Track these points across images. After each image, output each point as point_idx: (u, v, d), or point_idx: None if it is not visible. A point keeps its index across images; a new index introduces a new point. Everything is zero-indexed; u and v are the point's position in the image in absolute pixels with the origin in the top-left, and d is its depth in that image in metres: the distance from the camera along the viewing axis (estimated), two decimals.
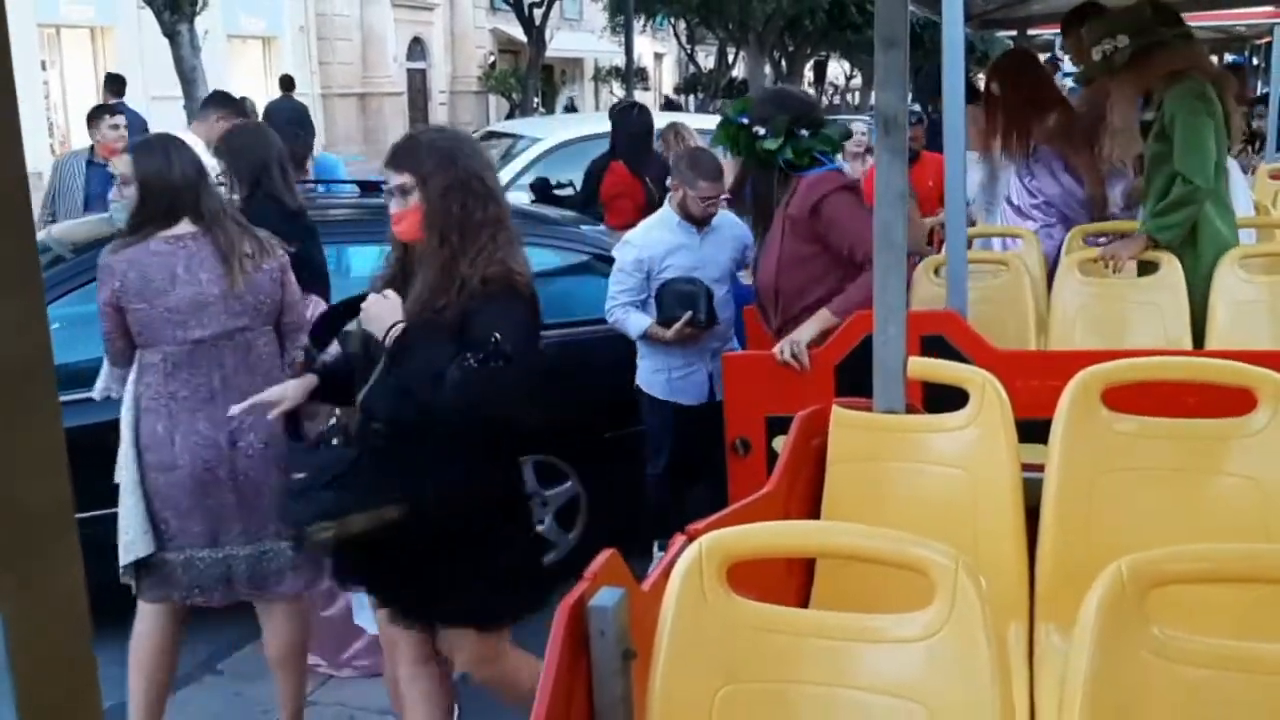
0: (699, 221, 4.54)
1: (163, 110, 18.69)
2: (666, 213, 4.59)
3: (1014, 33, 7.42)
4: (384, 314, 2.72)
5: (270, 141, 4.17)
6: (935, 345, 3.30)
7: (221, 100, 5.99)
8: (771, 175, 3.81)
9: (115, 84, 10.28)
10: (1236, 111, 4.38)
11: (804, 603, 2.49)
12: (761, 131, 3.70)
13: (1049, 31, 8.40)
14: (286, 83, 18.69)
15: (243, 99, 7.69)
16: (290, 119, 15.64)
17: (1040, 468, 2.54)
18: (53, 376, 0.66)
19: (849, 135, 4.69)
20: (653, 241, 4.59)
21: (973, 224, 5.21)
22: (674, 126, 6.89)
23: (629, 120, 6.66)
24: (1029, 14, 6.32)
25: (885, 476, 2.57)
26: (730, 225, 4.68)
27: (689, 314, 4.35)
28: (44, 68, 18.90)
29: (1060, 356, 3.28)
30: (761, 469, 3.35)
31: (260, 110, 8.38)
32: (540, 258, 5.16)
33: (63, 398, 3.48)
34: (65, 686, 0.70)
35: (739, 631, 1.71)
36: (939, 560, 1.65)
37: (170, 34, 11.49)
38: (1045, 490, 2.48)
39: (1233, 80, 4.28)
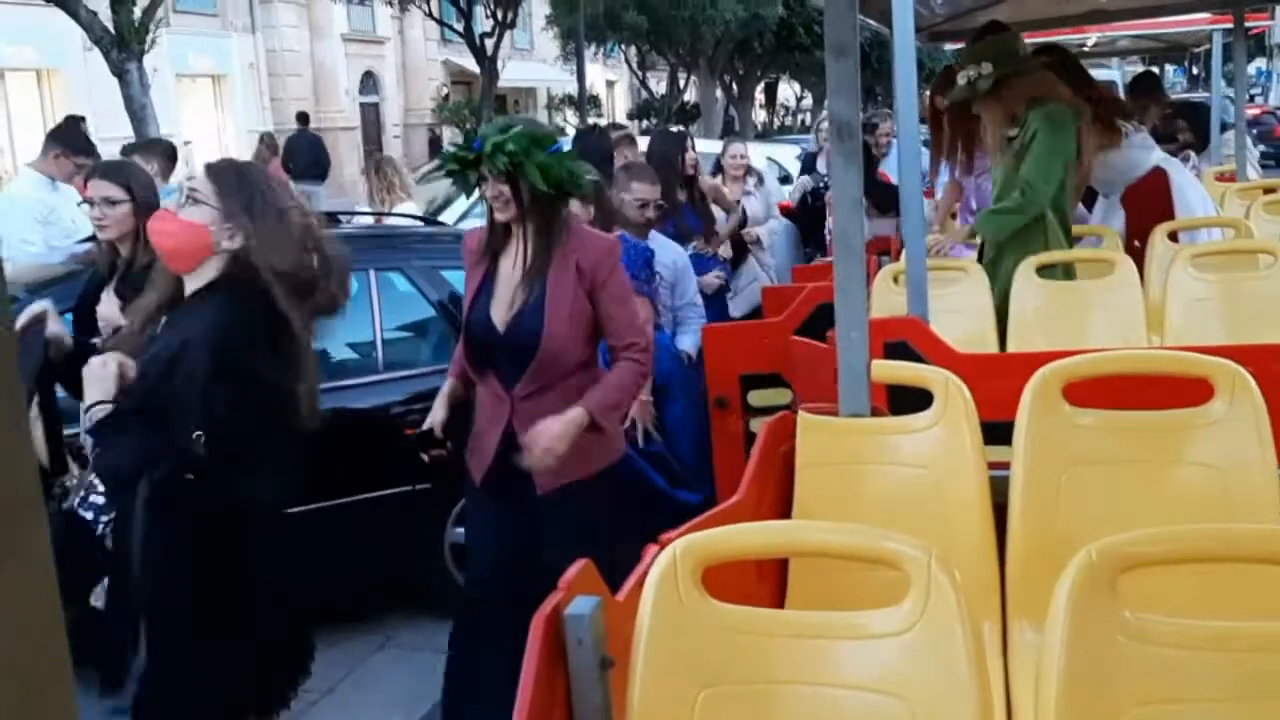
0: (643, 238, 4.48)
1: (112, 150, 18.51)
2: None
3: (962, 45, 7.54)
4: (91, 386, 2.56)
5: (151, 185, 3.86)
6: (899, 351, 3.33)
7: (62, 138, 5.90)
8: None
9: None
10: (1090, 136, 4.62)
11: (779, 607, 2.50)
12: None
13: None
14: (303, 118, 19.00)
15: (159, 140, 7.65)
16: (311, 151, 15.85)
17: (1006, 466, 2.56)
18: (19, 388, 0.66)
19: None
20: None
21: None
22: (627, 135, 6.99)
23: (589, 143, 6.71)
24: (976, 26, 6.41)
25: (854, 479, 2.59)
26: (668, 249, 4.63)
27: None
28: None
29: (1021, 358, 3.31)
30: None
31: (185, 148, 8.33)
32: None
33: None
34: (35, 680, 0.69)
35: (716, 634, 1.71)
36: (911, 553, 1.66)
37: (119, 73, 11.41)
38: (1011, 486, 2.50)
39: (1087, 109, 4.52)
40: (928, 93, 6.77)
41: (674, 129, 7.62)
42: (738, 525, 1.81)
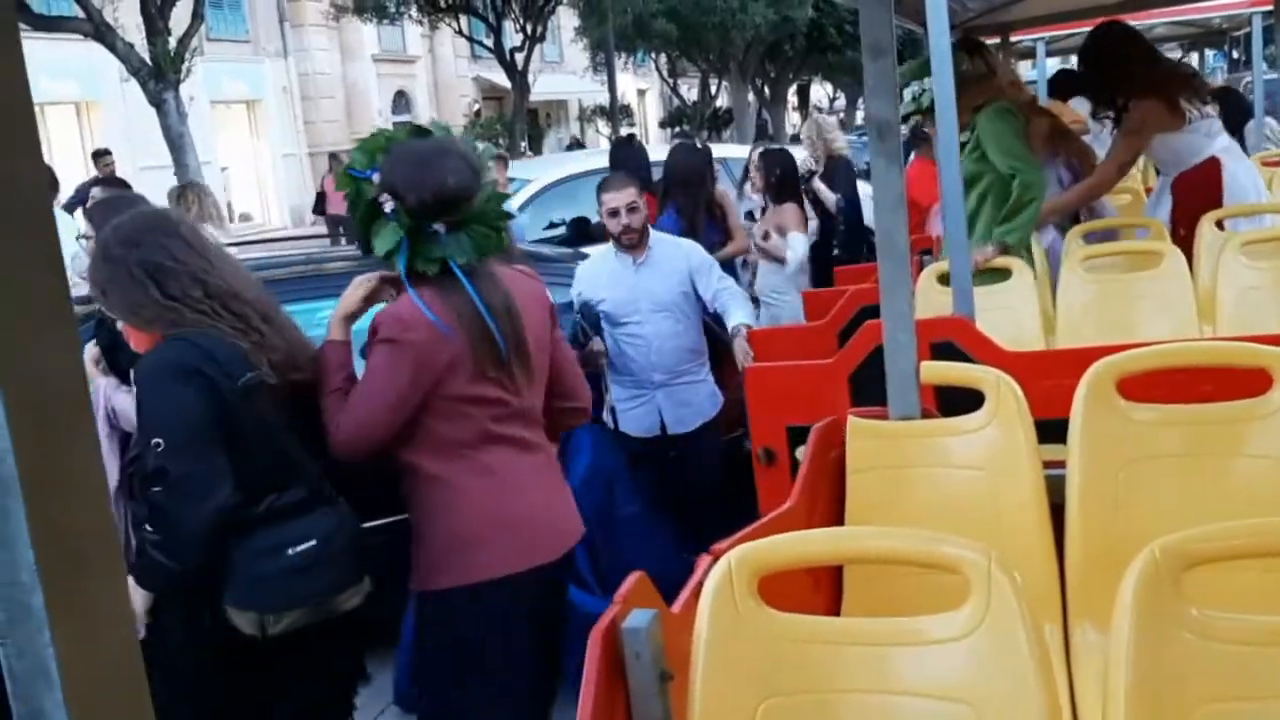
0: (629, 247, 4.38)
1: (152, 179, 18.83)
2: (610, 244, 4.52)
3: (996, 40, 7.47)
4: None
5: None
6: (945, 351, 3.30)
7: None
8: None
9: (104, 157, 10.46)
10: (1155, 116, 4.65)
11: (835, 614, 2.47)
12: (388, 208, 2.49)
13: (1030, 36, 8.46)
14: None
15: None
16: None
17: (1061, 465, 2.52)
18: (89, 404, 0.68)
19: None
20: (589, 275, 4.53)
21: None
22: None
23: (625, 154, 6.74)
24: (1010, 20, 6.36)
25: (906, 483, 2.56)
26: (674, 253, 4.48)
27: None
28: None
29: (1071, 354, 3.27)
30: (787, 478, 3.45)
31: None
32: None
33: None
34: (117, 704, 0.70)
35: (775, 644, 1.69)
36: (970, 556, 1.63)
37: (156, 103, 11.58)
38: (1068, 485, 2.46)
39: (1034, 100, 4.63)
40: None
41: (697, 144, 7.53)
42: (793, 534, 1.79)
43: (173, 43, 11.57)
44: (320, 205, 16.00)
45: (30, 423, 0.65)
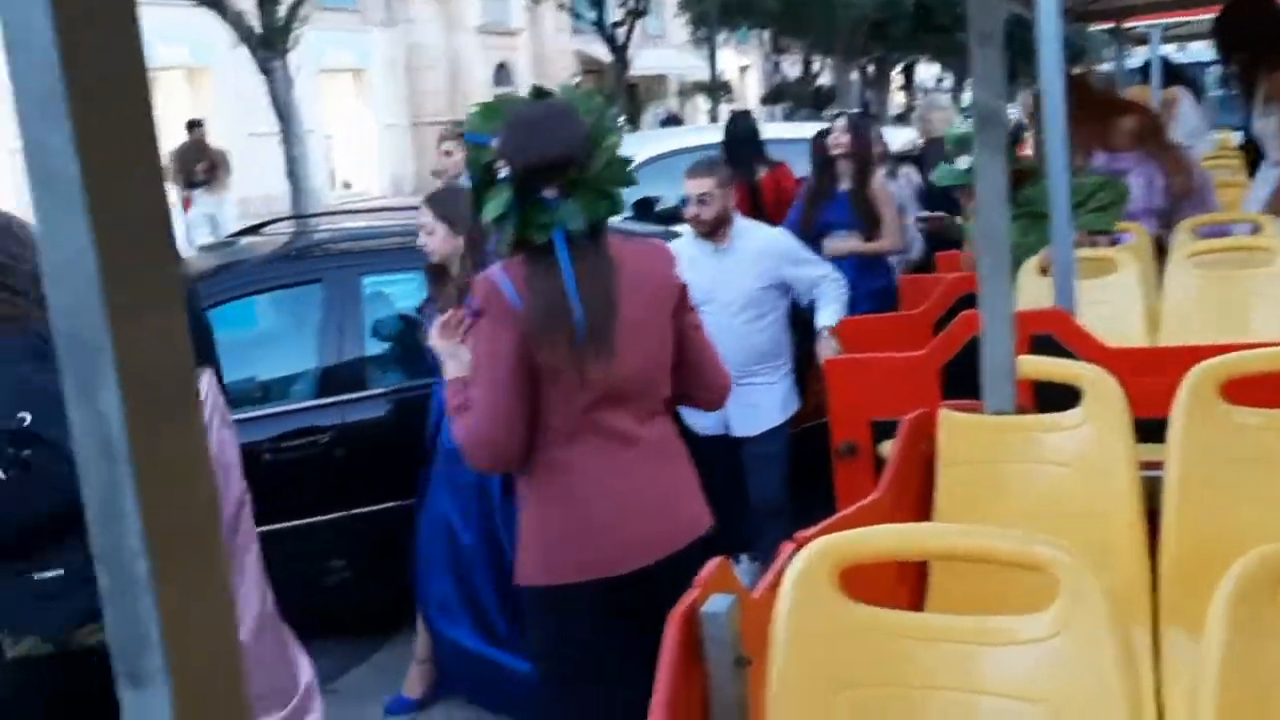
0: (709, 233, 4.17)
1: (261, 146, 19.29)
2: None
3: (1111, 25, 7.26)
4: None
5: None
6: (1044, 345, 3.23)
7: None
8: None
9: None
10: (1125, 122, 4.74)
11: (917, 608, 2.44)
12: (501, 173, 2.39)
13: (1145, 23, 8.19)
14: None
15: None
16: None
17: (1159, 466, 2.46)
18: (194, 377, 0.70)
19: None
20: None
21: None
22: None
23: (740, 128, 6.70)
24: (1128, 5, 6.17)
25: (997, 479, 2.52)
26: (760, 242, 4.23)
27: None
28: None
29: (1174, 352, 3.18)
30: (868, 474, 3.41)
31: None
32: None
33: None
34: (216, 672, 0.73)
35: (855, 636, 1.68)
36: (1060, 557, 1.60)
37: (265, 70, 11.82)
38: (1165, 488, 2.40)
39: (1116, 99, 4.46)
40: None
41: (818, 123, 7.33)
42: (879, 527, 1.78)
43: (283, 11, 11.80)
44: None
45: (141, 393, 0.67)
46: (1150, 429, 2.51)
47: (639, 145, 9.76)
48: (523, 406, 2.39)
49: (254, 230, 5.40)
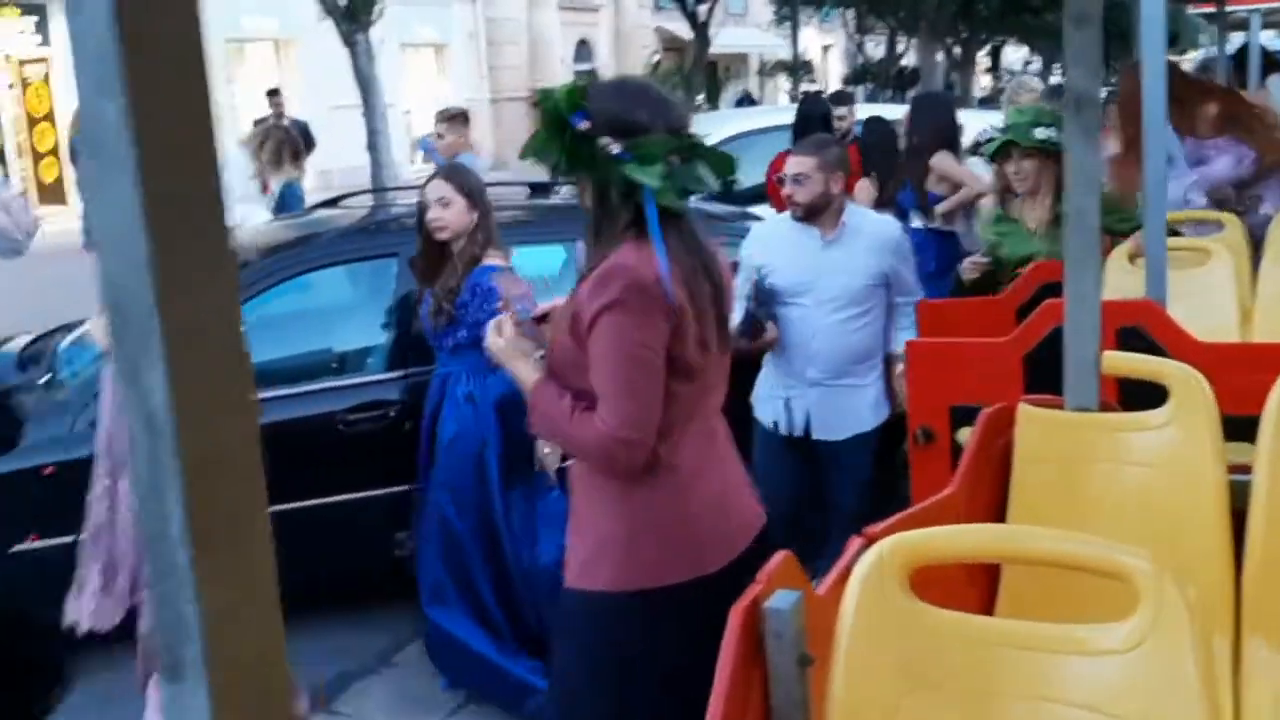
0: (807, 217, 3.86)
1: (343, 118, 19.51)
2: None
3: (1211, 9, 7.01)
4: None
5: None
6: (1132, 337, 3.12)
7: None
8: (615, 213, 2.24)
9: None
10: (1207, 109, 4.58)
11: (987, 611, 2.38)
12: (615, 149, 2.17)
13: (1246, 7, 7.90)
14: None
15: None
16: None
17: (1247, 469, 2.36)
18: (249, 365, 0.68)
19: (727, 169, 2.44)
20: (764, 240, 4.05)
21: None
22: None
23: (814, 109, 6.61)
24: None
25: (1077, 478, 2.43)
26: (872, 233, 3.94)
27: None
28: (228, 81, 19.92)
29: (1269, 349, 3.05)
30: (945, 461, 3.34)
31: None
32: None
33: (264, 394, 3.54)
34: (256, 664, 0.72)
35: (924, 639, 1.63)
36: (1142, 567, 1.53)
37: (349, 43, 11.94)
38: (1254, 492, 2.30)
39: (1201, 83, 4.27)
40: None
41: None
42: (952, 527, 1.72)
43: None
44: None
45: (189, 371, 0.64)
46: (1240, 427, 2.41)
47: (714, 125, 9.70)
48: (659, 414, 2.21)
49: (332, 204, 5.44)
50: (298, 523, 3.84)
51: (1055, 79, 21.54)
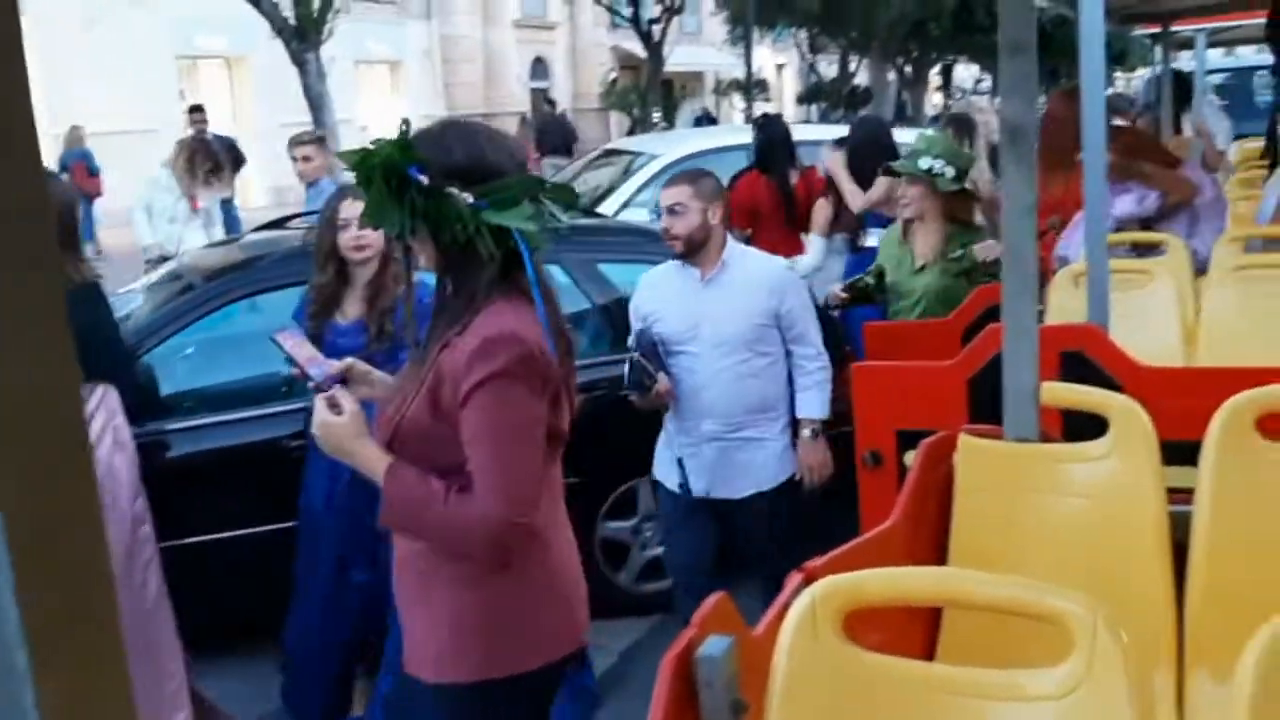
0: (683, 256, 3.55)
1: (291, 135, 19.33)
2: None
3: (1156, 29, 7.10)
4: None
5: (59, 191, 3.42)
6: (1075, 362, 3.11)
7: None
8: (477, 269, 2.03)
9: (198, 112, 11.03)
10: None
11: (929, 651, 2.35)
12: (468, 199, 1.97)
13: (1191, 27, 8.02)
14: (551, 102, 21.51)
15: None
16: (560, 131, 18.00)
17: (1187, 495, 2.35)
18: (81, 417, 0.61)
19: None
20: (650, 287, 3.74)
21: None
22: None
23: (775, 131, 6.57)
24: (1174, 8, 6.01)
25: (1018, 509, 2.41)
26: (757, 275, 3.58)
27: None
28: (182, 96, 19.73)
29: (1212, 374, 3.06)
30: (893, 484, 3.32)
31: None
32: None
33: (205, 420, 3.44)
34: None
35: (860, 686, 1.59)
36: (1076, 612, 1.51)
37: (299, 62, 11.83)
38: (1195, 525, 2.29)
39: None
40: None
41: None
42: (886, 571, 1.68)
43: (317, 4, 11.79)
44: None
45: (10, 431, 0.57)
46: (1182, 451, 2.41)
47: (672, 144, 9.69)
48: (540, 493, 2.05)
49: (278, 225, 5.36)
50: (225, 553, 3.76)
51: None
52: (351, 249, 3.46)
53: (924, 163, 4.17)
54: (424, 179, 1.95)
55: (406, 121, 2.09)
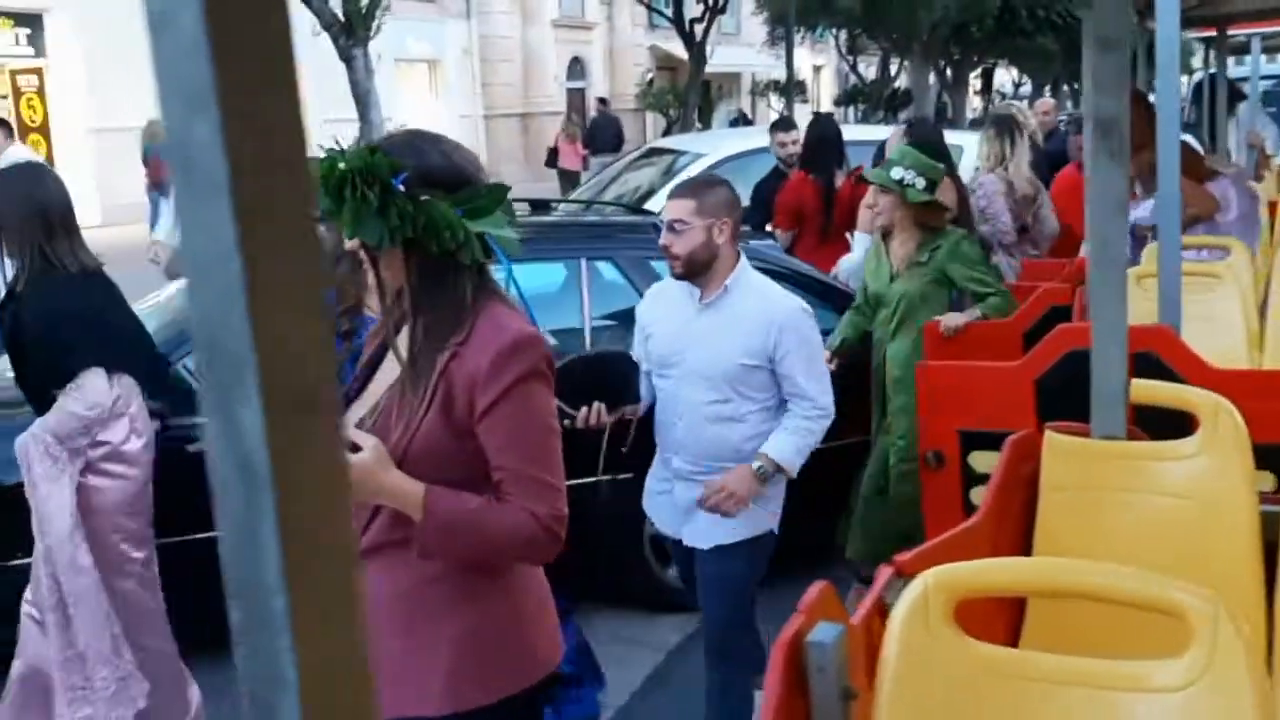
0: (686, 273, 3.18)
1: (336, 132, 19.42)
2: None
3: (1211, 33, 7.04)
4: None
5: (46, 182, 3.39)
6: (1145, 364, 3.09)
7: None
8: (461, 276, 1.99)
9: None
10: None
11: (1013, 641, 2.34)
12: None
13: (1247, 31, 7.94)
14: (603, 101, 22.06)
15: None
16: (611, 129, 18.13)
17: (1270, 498, 2.34)
18: (337, 391, 0.64)
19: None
20: (656, 292, 3.46)
21: None
22: None
23: (827, 129, 6.56)
24: (1231, 11, 5.96)
25: (1104, 507, 2.40)
26: (760, 303, 3.17)
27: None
28: None
29: None
30: (956, 485, 3.34)
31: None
32: None
33: None
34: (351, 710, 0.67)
35: (970, 675, 1.60)
36: (1198, 605, 1.50)
37: (346, 59, 11.91)
38: None
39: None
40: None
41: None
42: (1000, 560, 1.69)
43: (364, 0, 11.87)
44: (553, 159, 18.50)
45: (284, 409, 0.61)
46: (1259, 454, 2.39)
47: (716, 143, 9.67)
48: None
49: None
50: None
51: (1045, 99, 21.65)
52: None
53: (896, 173, 4.19)
54: (404, 188, 1.90)
55: (360, 130, 2.06)
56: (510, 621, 2.03)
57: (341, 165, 1.88)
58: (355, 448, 1.91)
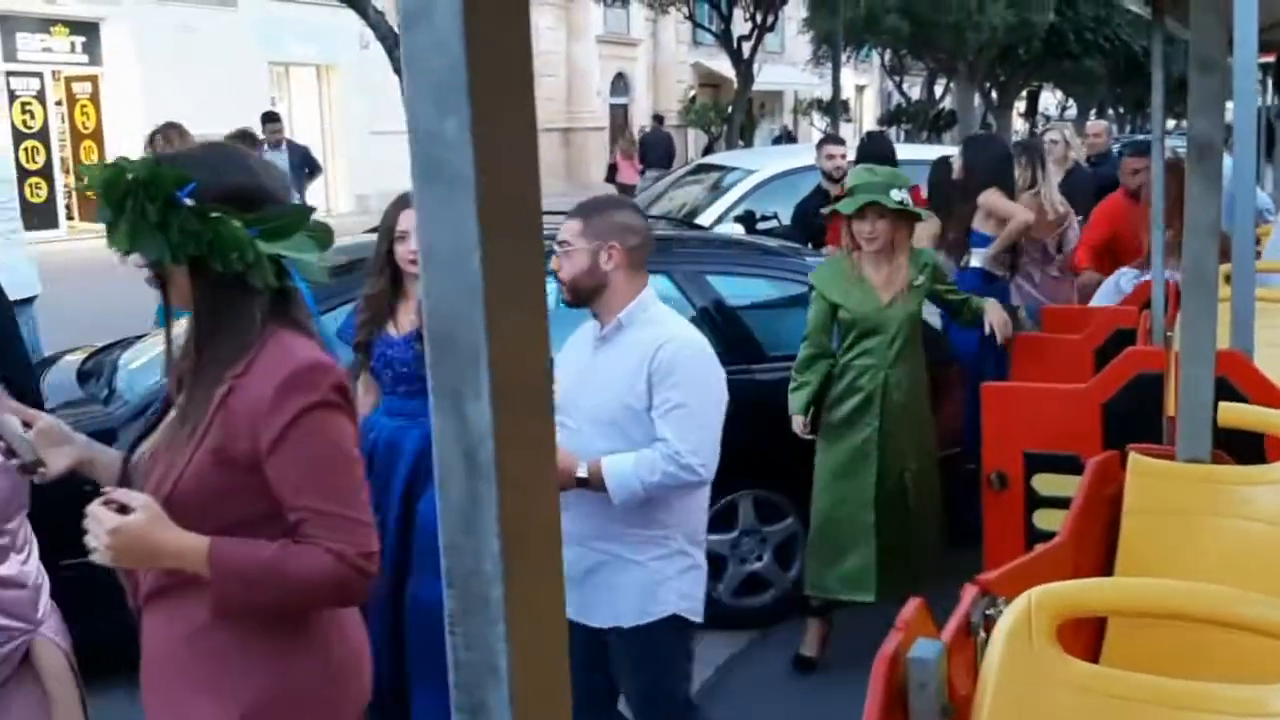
0: (575, 300, 2.84)
1: (382, 144, 19.68)
2: None
3: (1270, 59, 6.97)
4: None
5: None
6: (1219, 388, 3.06)
7: None
8: (250, 301, 1.83)
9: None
10: None
11: (1091, 660, 2.32)
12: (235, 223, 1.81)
13: None
14: (658, 118, 22.21)
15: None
16: (663, 145, 18.39)
17: None
18: (551, 386, 0.65)
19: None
20: (575, 335, 3.04)
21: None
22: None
23: (879, 146, 6.58)
24: None
25: (1190, 531, 2.38)
26: (645, 337, 2.76)
27: None
28: (273, 102, 20.20)
29: None
30: (1019, 507, 3.31)
31: None
32: (757, 289, 5.14)
33: None
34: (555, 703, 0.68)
35: (1073, 695, 1.58)
36: None
37: (400, 69, 12.01)
38: None
39: None
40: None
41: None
42: (1113, 580, 1.68)
43: None
44: (611, 174, 18.77)
45: (508, 402, 0.62)
46: None
47: (765, 160, 9.68)
48: None
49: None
50: None
51: (1091, 122, 21.55)
52: (409, 260, 3.18)
53: (896, 195, 4.05)
54: (191, 202, 1.75)
55: (153, 138, 1.99)
56: (320, 680, 1.89)
57: (129, 175, 1.75)
58: (123, 509, 1.74)
